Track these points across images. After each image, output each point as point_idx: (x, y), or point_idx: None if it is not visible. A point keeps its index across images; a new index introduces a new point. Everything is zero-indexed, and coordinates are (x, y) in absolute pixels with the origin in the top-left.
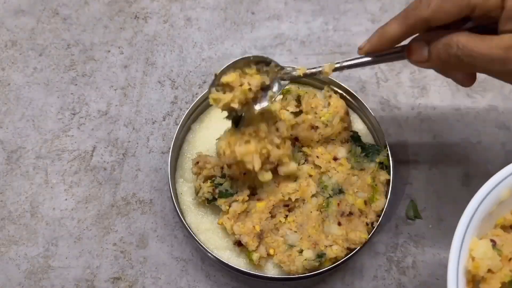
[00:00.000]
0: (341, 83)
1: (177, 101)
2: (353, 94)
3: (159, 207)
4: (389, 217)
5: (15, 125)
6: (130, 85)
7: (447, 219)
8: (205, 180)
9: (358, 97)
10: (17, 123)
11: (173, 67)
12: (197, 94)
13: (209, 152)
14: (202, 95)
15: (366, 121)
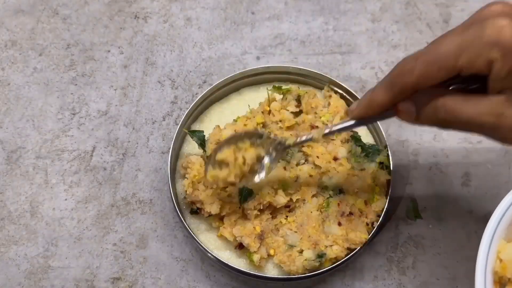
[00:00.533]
0: (341, 83)
1: (177, 101)
2: (353, 94)
3: (159, 207)
4: (389, 217)
5: (15, 125)
6: (130, 85)
7: (447, 219)
8: (193, 184)
9: (358, 97)
10: (17, 123)
11: (173, 67)
12: (197, 94)
13: None
14: (202, 95)
15: None
